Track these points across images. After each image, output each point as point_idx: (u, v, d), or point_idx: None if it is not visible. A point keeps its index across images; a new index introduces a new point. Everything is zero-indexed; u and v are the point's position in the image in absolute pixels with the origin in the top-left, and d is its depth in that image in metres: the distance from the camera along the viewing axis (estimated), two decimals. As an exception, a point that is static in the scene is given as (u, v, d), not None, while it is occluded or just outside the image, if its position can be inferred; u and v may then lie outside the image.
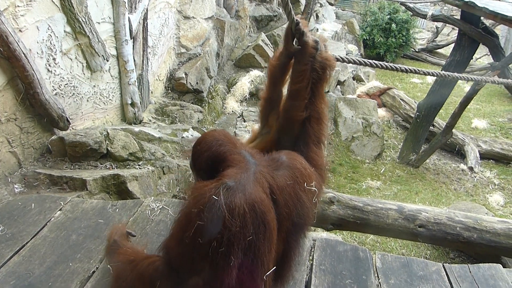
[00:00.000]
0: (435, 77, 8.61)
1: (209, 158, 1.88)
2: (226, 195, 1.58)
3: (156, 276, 1.83)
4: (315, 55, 2.01)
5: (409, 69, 2.70)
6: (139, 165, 4.54)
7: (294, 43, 2.07)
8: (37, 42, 4.03)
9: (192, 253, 1.64)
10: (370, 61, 2.47)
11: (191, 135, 5.71)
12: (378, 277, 2.57)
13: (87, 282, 2.30)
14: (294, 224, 1.83)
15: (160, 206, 3.03)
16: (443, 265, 2.71)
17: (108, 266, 2.25)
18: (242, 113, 8.07)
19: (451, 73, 2.80)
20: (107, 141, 4.51)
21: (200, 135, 5.81)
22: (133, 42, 5.72)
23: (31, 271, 2.34)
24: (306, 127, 2.07)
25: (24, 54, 3.70)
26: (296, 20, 1.97)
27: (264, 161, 1.85)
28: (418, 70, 2.70)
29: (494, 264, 2.76)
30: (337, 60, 2.22)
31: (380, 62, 2.54)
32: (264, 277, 1.67)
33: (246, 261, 1.63)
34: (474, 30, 7.29)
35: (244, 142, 2.15)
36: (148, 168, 4.51)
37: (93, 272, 2.38)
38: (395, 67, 2.57)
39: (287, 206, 1.77)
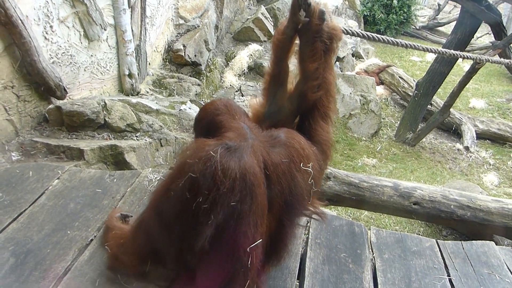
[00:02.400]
0: (435, 56, 8.57)
1: (206, 126, 1.96)
2: (223, 154, 1.60)
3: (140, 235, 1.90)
4: (322, 26, 1.97)
5: (411, 44, 2.69)
6: (136, 136, 4.53)
7: (300, 15, 2.00)
8: (34, 9, 3.95)
9: (176, 203, 1.66)
10: (373, 34, 2.45)
11: (189, 108, 5.69)
12: (372, 251, 2.61)
13: (85, 249, 2.32)
14: (287, 203, 1.81)
15: (158, 177, 3.03)
16: (437, 241, 2.75)
17: (105, 246, 2.27)
18: (240, 87, 8.03)
19: (453, 51, 2.78)
20: (104, 112, 4.48)
21: (197, 108, 5.81)
22: (131, 11, 5.62)
23: (29, 238, 2.36)
24: (312, 99, 2.04)
25: (21, 20, 3.64)
26: None
27: (261, 136, 1.84)
28: (418, 46, 2.68)
29: (487, 241, 2.80)
30: (343, 32, 2.18)
31: (383, 36, 2.52)
32: (248, 249, 1.65)
33: (228, 227, 1.62)
34: (477, 7, 7.18)
35: (248, 115, 2.11)
36: (146, 140, 4.51)
37: (91, 240, 2.40)
38: (397, 41, 2.55)
39: (280, 184, 1.76)
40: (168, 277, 1.97)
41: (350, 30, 2.38)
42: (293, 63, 2.21)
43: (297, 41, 2.14)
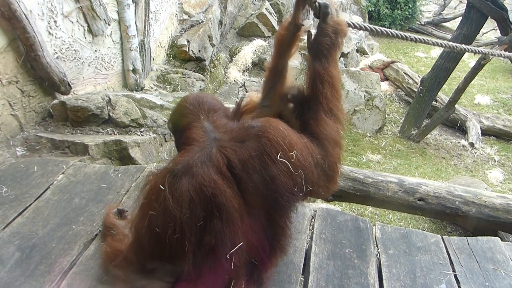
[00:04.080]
0: (441, 51, 8.51)
1: (174, 127, 1.99)
2: (171, 184, 1.59)
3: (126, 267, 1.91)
4: (327, 19, 1.95)
5: (416, 38, 2.65)
6: (141, 131, 4.53)
7: (303, 12, 2.02)
8: (38, 3, 3.95)
9: (153, 238, 1.67)
10: (378, 27, 2.42)
11: (193, 104, 5.67)
12: (377, 247, 2.60)
13: (90, 244, 2.33)
14: (267, 198, 1.72)
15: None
16: (442, 237, 2.73)
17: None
18: (244, 83, 8.01)
19: (460, 45, 2.75)
20: (109, 107, 4.49)
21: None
22: (135, 6, 5.62)
23: (34, 232, 2.37)
24: (317, 93, 1.96)
25: (25, 15, 3.64)
26: None
27: (229, 132, 1.77)
28: (426, 40, 2.65)
29: (493, 237, 2.78)
30: (349, 26, 2.15)
31: (388, 29, 2.49)
32: (227, 256, 1.63)
33: (205, 244, 1.62)
34: (483, 3, 7.14)
35: (225, 109, 2.01)
36: (150, 135, 4.51)
37: (96, 235, 2.40)
38: (403, 35, 2.52)
39: (252, 180, 1.67)
40: (174, 272, 1.96)
41: (357, 24, 2.34)
42: (297, 59, 2.20)
43: (303, 37, 2.13)
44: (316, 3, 1.95)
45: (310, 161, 1.80)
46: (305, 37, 2.08)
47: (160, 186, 1.60)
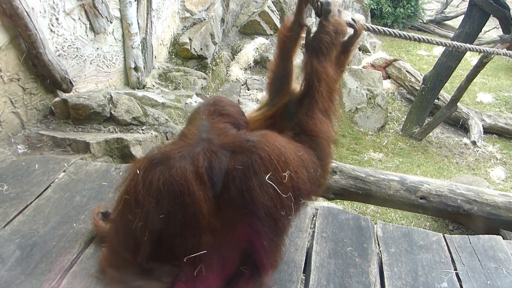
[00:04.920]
0: (443, 49, 8.48)
1: (186, 122, 1.97)
2: (146, 170, 1.58)
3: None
4: (328, 17, 1.94)
5: (423, 38, 2.64)
6: (142, 129, 4.53)
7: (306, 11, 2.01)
8: (40, 1, 3.95)
9: (122, 227, 1.70)
10: (383, 28, 2.41)
11: (195, 102, 5.67)
12: (379, 245, 2.59)
13: (91, 242, 2.32)
14: (245, 213, 1.65)
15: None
16: (444, 236, 2.72)
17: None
18: (246, 81, 8.00)
19: (464, 44, 2.74)
20: (110, 105, 4.48)
21: (203, 102, 5.80)
22: (137, 4, 5.61)
23: (35, 231, 2.36)
24: (312, 91, 1.94)
25: (26, 12, 3.63)
26: None
27: (223, 137, 1.70)
28: (430, 39, 2.64)
29: (494, 235, 2.77)
30: (350, 26, 2.14)
31: (393, 30, 2.48)
32: (185, 260, 1.59)
33: (164, 240, 1.60)
34: (485, 1, 7.12)
35: (233, 116, 1.91)
36: (152, 133, 4.50)
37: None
38: (407, 35, 2.51)
39: (228, 193, 1.60)
40: (172, 273, 1.96)
41: (373, 26, 2.32)
42: (299, 57, 2.18)
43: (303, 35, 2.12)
44: (318, 1, 1.94)
45: (305, 177, 1.75)
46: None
47: (137, 170, 1.59)
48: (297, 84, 2.19)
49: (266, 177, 1.59)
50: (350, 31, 2.14)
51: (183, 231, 1.58)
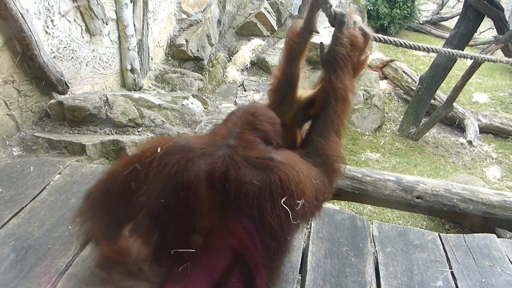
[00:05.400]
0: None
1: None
2: (165, 153, 1.59)
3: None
4: (342, 29, 1.87)
5: (428, 47, 2.67)
6: (138, 131, 4.53)
7: (317, 17, 1.95)
8: (35, 2, 3.95)
9: (121, 189, 1.68)
10: (389, 38, 2.44)
11: (191, 103, 5.68)
12: (374, 245, 2.60)
13: (86, 245, 2.31)
14: (250, 229, 1.62)
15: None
16: (439, 235, 2.73)
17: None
18: (243, 82, 8.01)
19: (453, 50, 2.77)
20: (106, 107, 4.48)
21: (199, 103, 5.81)
22: (133, 6, 5.61)
23: (30, 233, 2.35)
24: (329, 110, 1.87)
25: (21, 14, 3.63)
26: None
27: (248, 150, 1.65)
28: (432, 48, 2.68)
29: (489, 234, 2.79)
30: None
31: (399, 40, 2.49)
32: (172, 252, 1.59)
33: (159, 223, 1.61)
34: (479, 2, 7.15)
35: (265, 131, 1.81)
36: (148, 135, 4.51)
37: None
38: (417, 45, 2.55)
39: (237, 203, 1.58)
40: (161, 274, 1.96)
41: (378, 36, 2.29)
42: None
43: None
44: (332, 11, 1.88)
45: (315, 205, 1.75)
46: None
47: (158, 148, 1.60)
48: (302, 91, 2.16)
49: (282, 201, 1.56)
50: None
51: (178, 222, 1.58)
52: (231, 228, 1.64)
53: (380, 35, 2.35)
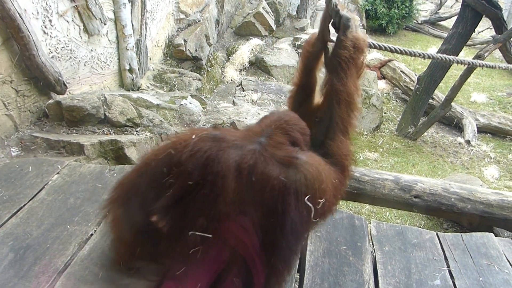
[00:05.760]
0: (437, 50, 8.52)
1: None
2: (200, 140, 1.65)
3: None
4: (346, 33, 1.94)
5: (428, 55, 2.69)
6: (137, 131, 4.53)
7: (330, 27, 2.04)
8: (33, 2, 3.94)
9: (154, 172, 1.73)
10: (398, 47, 2.47)
11: (190, 103, 5.68)
12: (372, 244, 2.61)
13: (85, 244, 2.31)
14: (264, 224, 1.67)
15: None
16: (437, 234, 2.74)
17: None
18: (241, 82, 8.00)
19: (448, 56, 2.77)
20: (104, 107, 4.48)
21: (198, 103, 5.81)
22: (131, 5, 5.61)
23: (29, 233, 2.35)
24: (332, 113, 1.96)
25: (19, 14, 3.63)
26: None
27: (276, 149, 1.73)
28: (433, 55, 2.71)
29: (486, 233, 2.80)
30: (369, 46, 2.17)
31: (409, 49, 2.53)
32: (189, 233, 1.62)
33: (183, 204, 1.65)
34: (477, 1, 7.18)
35: (293, 136, 1.88)
36: (146, 135, 4.50)
37: (91, 234, 2.39)
38: (420, 53, 2.57)
39: (261, 196, 1.63)
40: (159, 272, 1.96)
41: (376, 43, 2.36)
42: (294, 58, 2.22)
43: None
44: (340, 15, 1.96)
45: (333, 203, 1.81)
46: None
47: (193, 135, 1.67)
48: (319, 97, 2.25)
49: (306, 198, 1.63)
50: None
51: (201, 204, 1.62)
52: (249, 221, 1.69)
53: (374, 42, 2.39)
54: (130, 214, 1.88)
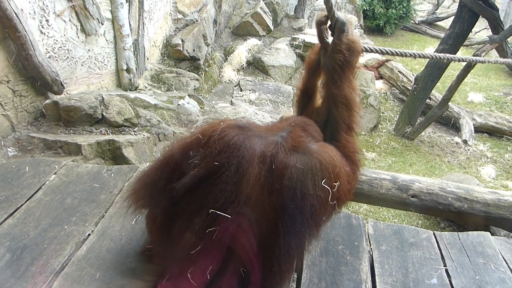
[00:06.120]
0: (434, 50, 8.54)
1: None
2: (227, 127, 1.78)
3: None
4: (341, 36, 2.00)
5: (428, 55, 2.72)
6: (134, 131, 4.52)
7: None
8: (29, 2, 3.93)
9: (181, 155, 1.83)
10: (393, 49, 2.53)
11: (187, 103, 5.67)
12: (370, 243, 2.62)
13: (82, 244, 2.32)
14: (284, 209, 1.74)
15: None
16: (434, 233, 2.75)
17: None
18: (239, 82, 7.99)
19: (447, 55, 2.78)
20: (102, 107, 4.47)
21: (195, 103, 5.81)
22: (129, 5, 5.60)
23: (26, 233, 2.35)
24: (332, 116, 2.07)
25: (15, 13, 3.62)
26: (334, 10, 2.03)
27: (295, 141, 1.87)
28: (434, 55, 2.73)
29: (483, 232, 2.81)
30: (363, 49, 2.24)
31: (405, 51, 2.61)
32: (210, 211, 1.68)
33: (206, 184, 1.72)
34: (474, 2, 7.20)
35: (308, 133, 2.05)
36: (144, 135, 4.50)
37: (88, 235, 2.40)
38: (420, 54, 2.61)
39: (280, 183, 1.72)
40: (155, 272, 1.97)
41: (369, 47, 2.46)
42: (292, 58, 2.28)
43: None
44: (336, 18, 2.01)
45: (347, 190, 1.91)
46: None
47: (222, 122, 1.82)
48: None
49: (322, 182, 1.76)
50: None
51: (224, 186, 1.69)
52: (269, 207, 1.75)
53: (367, 45, 2.47)
54: (155, 195, 1.94)
